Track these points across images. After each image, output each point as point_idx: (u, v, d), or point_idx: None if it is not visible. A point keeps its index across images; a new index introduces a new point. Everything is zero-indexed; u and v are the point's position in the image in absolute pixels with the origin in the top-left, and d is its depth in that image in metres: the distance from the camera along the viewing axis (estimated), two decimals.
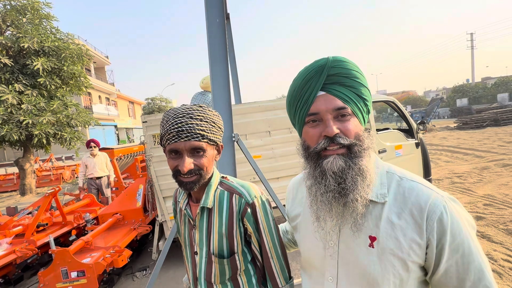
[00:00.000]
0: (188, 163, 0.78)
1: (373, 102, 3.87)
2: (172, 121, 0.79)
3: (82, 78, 8.81)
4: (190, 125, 0.78)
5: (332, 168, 0.58)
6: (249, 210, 0.85)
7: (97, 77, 25.62)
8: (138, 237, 3.41)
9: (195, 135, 0.78)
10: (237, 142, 2.19)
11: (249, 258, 0.90)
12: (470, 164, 6.94)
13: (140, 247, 3.81)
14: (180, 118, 0.79)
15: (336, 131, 0.58)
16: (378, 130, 3.72)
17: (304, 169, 0.69)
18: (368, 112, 0.66)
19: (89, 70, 23.59)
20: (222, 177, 0.93)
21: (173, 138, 0.78)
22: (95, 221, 3.83)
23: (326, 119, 0.60)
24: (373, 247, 0.60)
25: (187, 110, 0.81)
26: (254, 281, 0.90)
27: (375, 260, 0.59)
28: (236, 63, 6.09)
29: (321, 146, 0.60)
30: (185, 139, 0.78)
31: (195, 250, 0.91)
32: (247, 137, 3.24)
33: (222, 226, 0.86)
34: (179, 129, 0.78)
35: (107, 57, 28.07)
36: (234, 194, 0.87)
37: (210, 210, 0.87)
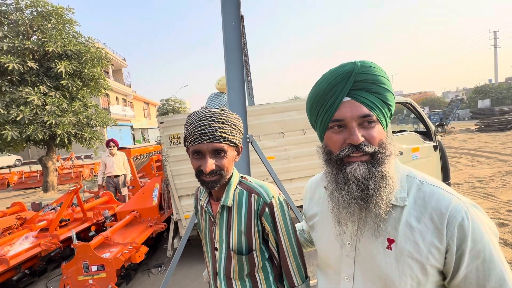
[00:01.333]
0: (210, 163, 0.83)
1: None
2: (196, 124, 0.83)
3: (101, 80, 9.17)
4: (212, 128, 0.82)
5: (355, 175, 0.58)
6: (267, 209, 0.88)
7: (115, 79, 26.53)
8: (154, 234, 3.51)
9: (217, 137, 0.83)
10: (251, 143, 2.22)
11: (267, 256, 0.93)
12: (492, 168, 6.65)
13: (155, 244, 3.92)
14: (203, 121, 0.83)
15: (361, 139, 0.58)
16: (394, 132, 3.65)
17: (324, 172, 0.69)
18: (391, 117, 0.66)
19: (108, 72, 24.46)
20: (242, 177, 0.97)
21: (197, 140, 0.83)
22: (113, 218, 3.98)
23: (351, 126, 0.59)
24: (391, 249, 0.60)
25: (209, 113, 0.85)
26: (271, 278, 0.93)
27: (393, 262, 0.60)
28: (250, 65, 6.14)
29: (345, 153, 0.60)
30: (208, 141, 0.82)
31: (215, 246, 0.95)
32: (261, 138, 3.26)
33: (241, 224, 0.90)
34: (202, 131, 0.82)
35: (124, 59, 28.98)
36: (253, 194, 0.91)
37: (229, 209, 0.92)
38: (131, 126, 28.21)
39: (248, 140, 2.20)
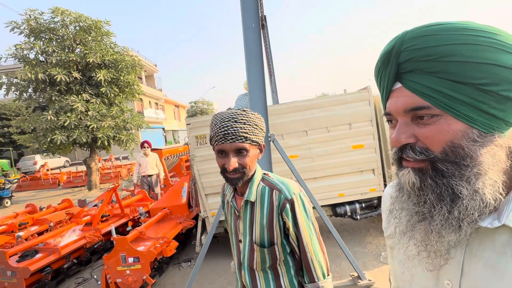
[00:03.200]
0: (233, 162, 0.89)
1: None
2: (220, 125, 0.89)
3: (135, 86, 9.83)
4: (234, 128, 0.88)
5: (405, 183, 0.45)
6: (287, 205, 0.92)
7: (147, 84, 28.19)
8: (183, 230, 3.70)
9: (239, 137, 0.88)
10: (273, 142, 2.25)
11: (288, 250, 0.97)
12: None
13: (185, 240, 4.12)
14: (226, 122, 0.89)
15: (405, 140, 0.44)
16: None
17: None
18: (507, 97, 0.39)
19: (141, 78, 26.06)
20: (264, 173, 1.02)
21: (220, 140, 0.89)
22: (147, 214, 4.27)
23: (398, 122, 0.45)
24: None
25: (232, 114, 0.90)
26: (292, 272, 0.98)
27: None
28: (274, 65, 6.14)
29: (392, 155, 0.48)
30: (231, 141, 0.88)
31: (240, 238, 1.02)
32: (284, 137, 3.27)
33: (264, 219, 0.94)
34: (225, 132, 0.88)
35: (155, 65, 30.66)
36: (275, 190, 0.95)
37: (253, 204, 0.97)
38: (163, 128, 29.76)
39: (269, 139, 2.23)
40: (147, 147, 5.72)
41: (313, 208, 3.18)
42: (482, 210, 0.41)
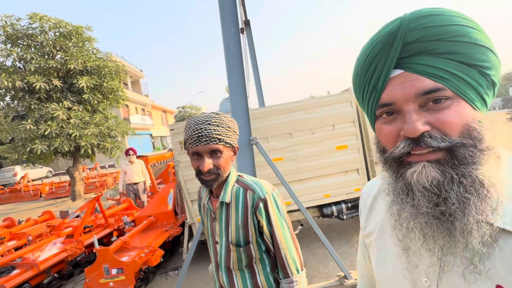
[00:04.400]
0: (208, 163, 0.91)
1: None
2: (194, 128, 0.92)
3: (120, 92, 9.63)
4: (208, 130, 0.91)
5: (421, 181, 0.40)
6: (261, 204, 0.95)
7: (133, 89, 27.71)
8: (170, 238, 3.63)
9: (213, 139, 0.91)
10: (255, 145, 2.25)
11: (263, 248, 1.00)
12: None
13: (172, 248, 4.04)
14: (200, 125, 0.92)
15: (423, 128, 0.39)
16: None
17: (382, 175, 0.52)
18: (493, 86, 0.41)
19: (126, 84, 25.60)
20: (239, 175, 1.05)
21: (195, 142, 0.91)
22: (132, 223, 4.16)
23: (405, 110, 0.41)
24: None
25: (205, 117, 0.94)
26: (268, 269, 1.00)
27: None
28: (259, 67, 6.18)
29: (401, 150, 0.41)
30: (204, 142, 0.90)
31: (216, 240, 1.04)
32: (269, 140, 3.28)
33: (239, 219, 0.97)
34: (199, 134, 0.91)
35: (141, 70, 30.22)
36: (248, 190, 0.98)
37: (228, 205, 1.00)
38: (151, 135, 29.27)
39: (252, 142, 2.23)
40: (132, 155, 5.60)
41: (298, 210, 3.20)
42: (501, 200, 0.38)
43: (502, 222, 0.39)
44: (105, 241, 4.02)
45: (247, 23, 5.09)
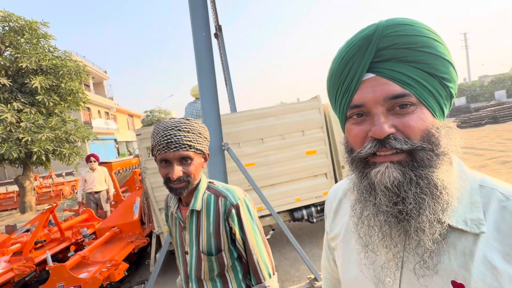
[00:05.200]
0: (177, 170, 0.88)
1: None
2: (162, 134, 0.88)
3: (80, 94, 8.95)
4: (178, 137, 0.88)
5: (383, 181, 0.41)
6: (233, 210, 0.94)
7: (96, 92, 25.97)
8: (135, 250, 3.41)
9: (183, 146, 0.88)
10: (227, 150, 2.23)
11: (235, 255, 0.98)
12: (468, 162, 6.94)
13: (138, 260, 3.80)
14: (169, 131, 0.88)
15: (389, 130, 0.41)
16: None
17: (348, 176, 0.53)
18: (451, 97, 0.45)
19: (88, 86, 23.91)
20: (210, 182, 1.03)
21: (163, 148, 0.88)
22: (93, 236, 3.83)
23: (374, 113, 0.43)
24: None
25: (175, 123, 0.90)
26: (240, 276, 0.99)
27: None
28: (230, 73, 6.19)
29: (367, 151, 0.43)
30: (174, 149, 0.87)
31: (186, 250, 1.00)
32: (241, 145, 3.27)
33: (210, 226, 0.95)
34: (169, 140, 0.87)
35: (105, 72, 28.48)
36: (220, 197, 0.96)
37: (198, 213, 0.97)
38: (115, 140, 27.54)
39: (223, 147, 2.20)
40: (94, 161, 5.21)
41: (269, 215, 3.22)
42: (451, 201, 0.41)
43: (455, 221, 0.42)
44: (60, 257, 3.64)
45: (219, 28, 5.09)
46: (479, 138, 10.75)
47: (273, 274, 0.98)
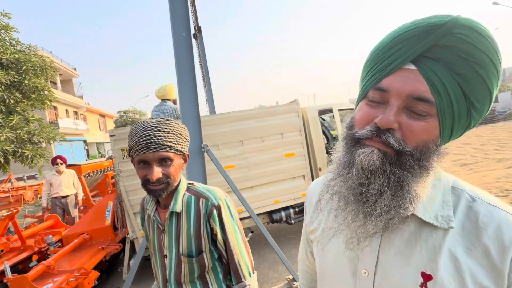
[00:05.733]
0: (157, 172, 0.86)
1: (341, 110, 4.08)
2: (141, 134, 0.86)
3: (46, 92, 8.32)
4: (158, 137, 0.86)
5: (361, 161, 0.43)
6: (215, 211, 0.94)
7: (64, 90, 24.33)
8: (107, 257, 3.23)
9: (163, 146, 0.86)
10: (206, 152, 2.21)
11: (216, 256, 0.98)
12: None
13: (110, 268, 3.60)
14: (148, 131, 0.86)
15: (393, 125, 0.41)
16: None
17: (335, 152, 0.52)
18: (467, 128, 0.44)
19: (55, 83, 22.34)
20: (189, 183, 1.02)
21: (142, 149, 0.85)
22: (59, 244, 3.57)
23: (391, 103, 0.42)
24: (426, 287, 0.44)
25: (155, 123, 0.88)
26: (221, 277, 0.98)
27: None
28: (210, 75, 6.14)
29: (364, 134, 0.44)
30: (154, 150, 0.85)
31: (165, 253, 0.97)
32: (220, 148, 3.25)
33: (191, 228, 0.94)
34: (148, 141, 0.85)
35: (74, 69, 26.83)
36: (201, 198, 0.96)
37: (178, 214, 0.95)
38: (85, 141, 25.95)
39: (203, 149, 2.18)
40: (61, 164, 4.87)
41: (249, 217, 3.22)
42: (413, 204, 0.43)
43: (428, 217, 0.45)
44: (20, 267, 3.34)
45: (199, 29, 5.03)
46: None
47: (253, 273, 0.99)
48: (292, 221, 3.66)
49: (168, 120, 0.92)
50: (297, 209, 3.72)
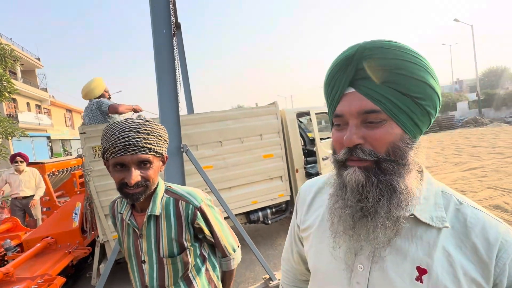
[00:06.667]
0: (135, 175, 0.83)
1: (318, 113, 4.22)
2: (118, 135, 0.82)
3: (4, 82, 7.61)
4: (137, 139, 0.83)
5: (351, 181, 0.49)
6: (199, 213, 0.95)
7: (25, 81, 22.35)
8: (74, 261, 3.04)
9: (142, 149, 0.83)
10: (185, 152, 2.17)
11: (198, 252, 0.99)
12: None
13: (77, 273, 3.39)
14: (126, 133, 0.83)
15: (357, 141, 0.48)
16: (322, 139, 4.06)
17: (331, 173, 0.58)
18: (429, 114, 0.49)
19: (15, 73, 20.47)
20: (167, 185, 1.00)
21: (119, 151, 0.82)
22: (18, 249, 3.29)
23: (350, 124, 0.49)
24: (421, 281, 0.48)
25: (134, 124, 0.85)
26: (204, 278, 1.01)
27: None
28: (188, 73, 6.02)
29: (341, 156, 0.50)
30: (132, 152, 0.82)
31: (142, 259, 0.95)
32: (198, 148, 3.21)
33: (171, 231, 0.92)
34: (126, 143, 0.81)
35: (38, 59, 24.76)
36: (180, 201, 0.94)
37: (157, 218, 0.93)
38: (48, 137, 24.05)
39: (182, 149, 2.14)
40: (21, 162, 4.48)
41: (227, 218, 3.21)
42: (410, 201, 0.48)
43: (424, 217, 0.50)
44: None
45: (178, 26, 4.91)
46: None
47: (238, 247, 1.07)
48: (269, 221, 3.72)
49: (148, 121, 0.90)
50: (274, 210, 3.78)
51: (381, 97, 0.47)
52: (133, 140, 0.82)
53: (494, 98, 21.68)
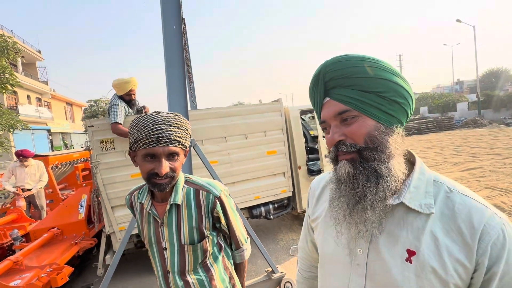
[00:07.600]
0: (165, 166, 0.88)
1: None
2: (152, 127, 0.87)
3: (6, 75, 7.61)
4: (170, 132, 0.88)
5: (342, 173, 0.57)
6: (218, 202, 1.00)
7: (26, 74, 22.27)
8: (80, 252, 3.10)
9: (173, 141, 0.89)
10: (193, 147, 2.22)
11: (215, 241, 1.05)
12: None
13: (82, 264, 3.46)
14: (160, 125, 0.88)
15: (339, 138, 0.57)
16: (316, 136, 4.09)
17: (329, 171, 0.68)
18: (397, 103, 0.56)
19: (15, 66, 20.38)
20: (186, 176, 1.06)
21: (152, 143, 0.87)
22: (24, 239, 3.35)
23: (332, 125, 0.59)
24: (410, 262, 0.53)
25: (165, 117, 0.91)
26: (221, 265, 1.07)
27: (411, 277, 0.53)
28: (192, 69, 6.04)
29: (332, 153, 0.59)
30: (164, 144, 0.87)
31: (164, 246, 1.00)
32: (204, 143, 3.26)
33: (192, 220, 0.98)
34: (160, 135, 0.87)
35: (39, 51, 24.64)
36: (201, 191, 1.00)
37: (178, 207, 0.98)
38: (48, 130, 24.04)
39: (191, 144, 2.19)
40: (27, 158, 4.50)
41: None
42: (397, 183, 0.55)
43: (413, 205, 0.55)
44: None
45: (183, 21, 4.93)
46: (407, 147, 12.50)
47: (247, 238, 1.15)
48: (271, 217, 3.78)
49: (177, 115, 0.95)
50: (276, 205, 3.84)
51: (349, 99, 0.56)
52: (166, 132, 0.87)
53: (493, 99, 21.71)
